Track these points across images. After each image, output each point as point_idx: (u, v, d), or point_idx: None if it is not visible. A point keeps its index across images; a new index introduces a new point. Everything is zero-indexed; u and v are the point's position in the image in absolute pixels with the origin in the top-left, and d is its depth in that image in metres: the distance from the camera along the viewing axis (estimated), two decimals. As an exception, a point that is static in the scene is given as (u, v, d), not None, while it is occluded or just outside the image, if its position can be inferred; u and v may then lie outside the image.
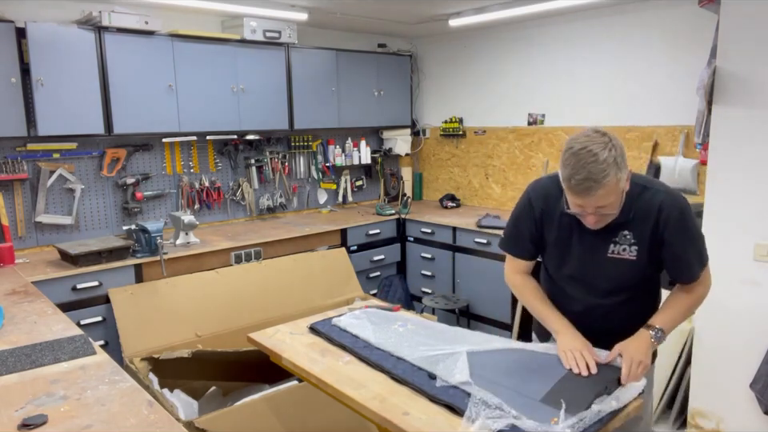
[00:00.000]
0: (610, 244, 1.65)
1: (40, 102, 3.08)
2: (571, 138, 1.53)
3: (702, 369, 2.81)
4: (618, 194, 1.52)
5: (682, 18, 3.47)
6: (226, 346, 2.98)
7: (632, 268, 1.65)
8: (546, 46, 4.22)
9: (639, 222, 1.61)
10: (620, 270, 1.66)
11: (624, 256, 1.64)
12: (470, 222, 4.12)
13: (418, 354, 1.74)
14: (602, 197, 1.48)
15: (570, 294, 1.78)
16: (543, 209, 1.74)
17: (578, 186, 1.47)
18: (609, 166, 1.44)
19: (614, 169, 1.45)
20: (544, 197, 1.74)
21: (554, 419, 1.36)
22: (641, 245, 1.62)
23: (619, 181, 1.48)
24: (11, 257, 3.10)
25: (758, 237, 2.52)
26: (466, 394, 1.52)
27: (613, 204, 1.53)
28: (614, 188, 1.47)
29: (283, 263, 3.73)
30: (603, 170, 1.44)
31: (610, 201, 1.50)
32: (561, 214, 1.68)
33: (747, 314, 2.61)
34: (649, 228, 1.60)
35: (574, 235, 1.70)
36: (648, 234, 1.61)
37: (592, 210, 1.53)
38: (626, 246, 1.63)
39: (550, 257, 1.81)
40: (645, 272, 1.68)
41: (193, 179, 4.05)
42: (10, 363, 1.74)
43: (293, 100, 4.17)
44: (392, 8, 3.95)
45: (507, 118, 4.56)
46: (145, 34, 3.42)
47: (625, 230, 1.63)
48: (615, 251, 1.65)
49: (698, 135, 2.81)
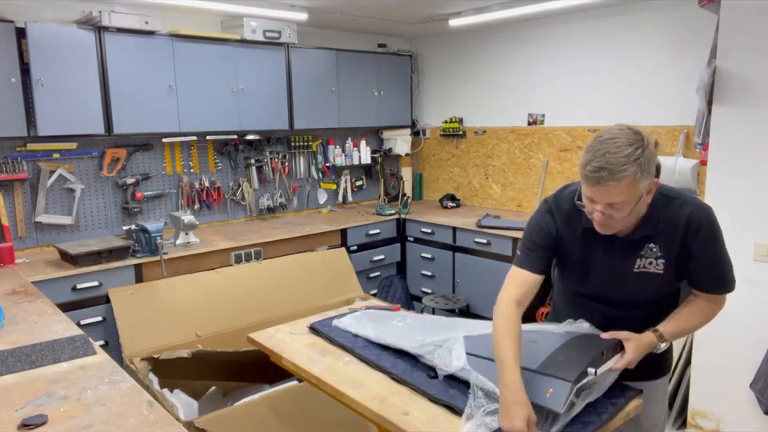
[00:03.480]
0: (637, 259, 1.57)
1: (40, 102, 3.08)
2: (604, 129, 1.45)
3: (702, 369, 2.81)
4: (633, 198, 1.41)
5: (682, 18, 3.47)
6: (226, 346, 2.98)
7: (658, 282, 1.58)
8: (546, 46, 4.22)
9: (666, 235, 1.53)
10: (645, 284, 1.58)
11: (650, 270, 1.56)
12: (470, 222, 4.12)
13: (415, 342, 1.75)
14: (615, 193, 1.38)
15: (589, 306, 1.71)
16: (564, 225, 1.63)
17: (592, 174, 1.38)
18: (630, 162, 1.35)
19: (634, 167, 1.35)
20: (564, 213, 1.63)
21: (549, 390, 1.35)
22: (668, 258, 1.55)
23: (638, 182, 1.38)
24: (11, 257, 3.10)
25: (757, 237, 2.52)
26: (465, 394, 1.52)
27: (624, 207, 1.42)
28: (629, 187, 1.37)
29: (283, 263, 3.73)
30: (622, 164, 1.35)
31: (621, 200, 1.40)
32: (584, 229, 1.59)
33: (747, 314, 2.61)
34: (677, 241, 1.52)
35: (599, 251, 1.60)
36: (677, 247, 1.53)
37: (602, 206, 1.42)
38: (652, 259, 1.55)
39: (569, 272, 1.72)
40: (670, 285, 1.62)
41: (193, 179, 4.05)
42: (10, 363, 1.74)
43: (293, 100, 4.17)
44: (392, 8, 3.95)
45: (507, 118, 4.55)
46: (145, 34, 3.42)
47: (651, 243, 1.55)
48: (642, 265, 1.57)
49: (698, 135, 2.80)
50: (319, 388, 1.76)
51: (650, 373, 1.71)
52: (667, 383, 1.83)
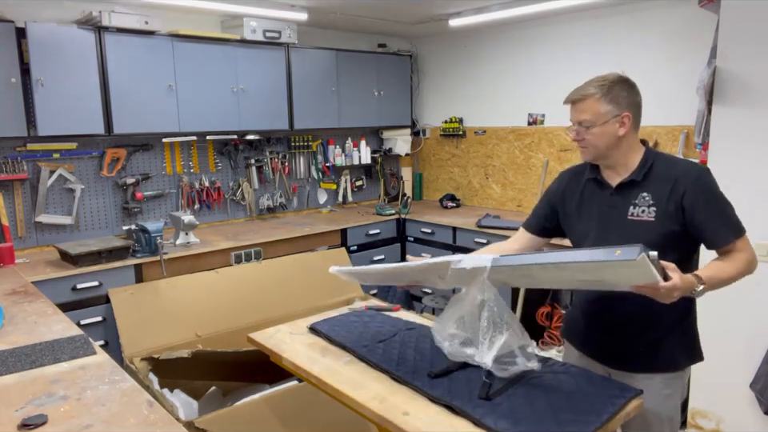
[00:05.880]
0: (630, 206, 1.67)
1: (40, 102, 3.08)
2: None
3: (702, 369, 2.80)
4: (599, 118, 1.64)
5: (682, 18, 3.47)
6: (226, 346, 2.98)
7: (651, 230, 1.63)
8: (546, 46, 4.22)
9: (659, 183, 1.65)
10: (640, 233, 1.63)
11: (643, 218, 1.65)
12: (470, 222, 4.12)
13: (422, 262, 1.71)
14: (580, 109, 1.67)
15: None
16: (569, 181, 1.85)
17: (567, 97, 1.70)
18: (594, 86, 1.64)
19: (596, 89, 1.63)
20: (573, 172, 1.87)
21: (617, 251, 1.31)
22: (658, 206, 1.63)
23: (600, 104, 1.63)
24: (11, 257, 3.10)
25: (758, 237, 2.51)
26: (465, 394, 1.52)
27: (591, 127, 1.65)
28: (592, 105, 1.63)
29: (283, 263, 3.73)
30: (588, 87, 1.65)
31: (587, 117, 1.65)
32: (586, 180, 1.78)
33: (747, 314, 2.61)
34: (667, 190, 1.62)
35: (596, 201, 1.75)
36: (666, 196, 1.62)
37: (576, 125, 1.69)
38: (644, 207, 1.65)
39: (573, 227, 1.83)
40: (666, 239, 1.61)
41: (193, 179, 4.05)
42: (10, 363, 1.74)
43: (293, 100, 4.17)
44: (392, 8, 3.95)
45: (507, 118, 4.55)
46: (145, 34, 3.42)
47: (644, 192, 1.66)
48: (635, 213, 1.66)
49: (698, 135, 2.81)
50: (319, 388, 1.76)
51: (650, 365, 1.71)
52: (685, 379, 1.81)
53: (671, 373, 1.71)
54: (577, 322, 1.88)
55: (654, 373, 1.69)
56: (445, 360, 1.71)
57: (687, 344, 1.75)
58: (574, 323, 1.90)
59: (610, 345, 1.76)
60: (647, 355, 1.70)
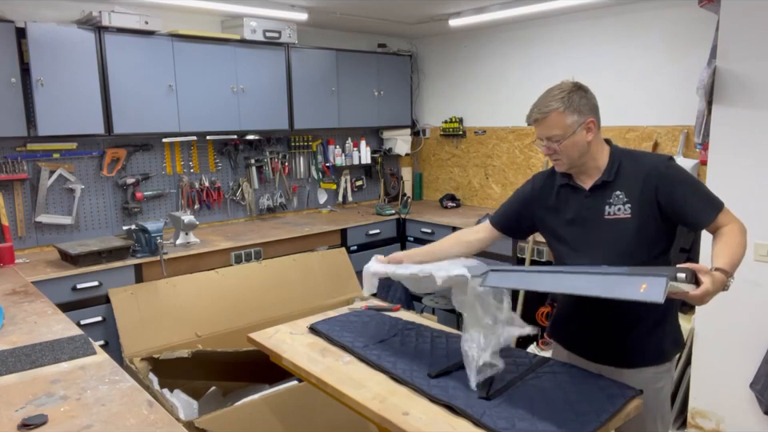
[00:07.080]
0: (605, 206, 1.69)
1: (40, 102, 3.08)
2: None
3: (702, 369, 2.81)
4: (566, 131, 1.64)
5: (682, 18, 3.47)
6: (226, 345, 2.98)
7: (629, 228, 1.65)
8: (546, 46, 4.22)
9: (631, 179, 1.67)
10: (618, 232, 1.66)
11: (620, 215, 1.67)
12: (470, 222, 4.11)
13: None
14: (546, 126, 1.66)
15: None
16: (543, 186, 1.84)
17: (528, 116, 1.70)
18: (554, 100, 1.63)
19: (558, 103, 1.62)
20: (545, 176, 1.87)
21: (643, 285, 1.30)
22: (633, 202, 1.65)
23: (564, 116, 1.62)
24: (11, 257, 3.10)
25: (757, 237, 2.52)
26: (465, 394, 1.52)
27: (561, 140, 1.65)
28: (557, 120, 1.63)
29: (283, 263, 3.73)
30: (547, 102, 1.64)
31: (555, 132, 1.65)
32: (559, 186, 1.78)
33: (747, 314, 2.61)
34: (639, 184, 1.65)
35: (571, 203, 1.76)
36: (638, 192, 1.64)
37: (545, 142, 1.69)
38: (620, 205, 1.67)
39: (550, 230, 1.83)
40: (644, 235, 1.64)
41: (193, 179, 4.05)
42: (10, 363, 1.74)
43: (293, 100, 4.17)
44: (392, 8, 3.95)
45: (507, 118, 4.55)
46: (145, 34, 3.42)
47: (617, 191, 1.68)
48: (611, 212, 1.68)
49: (698, 135, 2.81)
50: (319, 388, 1.76)
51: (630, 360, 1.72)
52: (672, 373, 1.81)
53: (660, 365, 1.73)
54: (564, 322, 1.88)
55: (644, 366, 1.70)
56: (445, 360, 1.71)
57: (673, 333, 1.77)
58: (561, 323, 1.90)
59: (599, 342, 1.76)
60: (637, 350, 1.71)
